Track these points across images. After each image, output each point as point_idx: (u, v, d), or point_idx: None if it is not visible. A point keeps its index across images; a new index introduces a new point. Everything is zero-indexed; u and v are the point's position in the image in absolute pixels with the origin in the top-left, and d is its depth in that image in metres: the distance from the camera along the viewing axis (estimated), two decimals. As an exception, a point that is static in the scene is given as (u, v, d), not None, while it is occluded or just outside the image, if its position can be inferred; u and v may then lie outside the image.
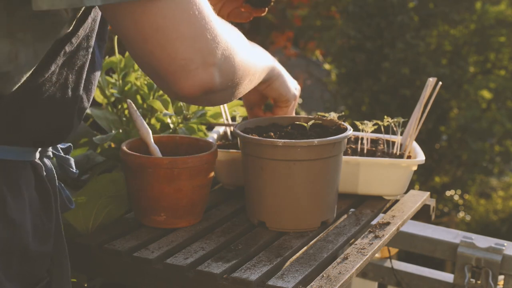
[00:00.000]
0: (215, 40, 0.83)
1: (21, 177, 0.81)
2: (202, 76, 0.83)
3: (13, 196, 0.78)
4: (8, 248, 0.78)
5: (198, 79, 0.83)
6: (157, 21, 0.78)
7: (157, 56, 0.80)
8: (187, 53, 0.81)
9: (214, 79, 0.84)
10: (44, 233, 0.85)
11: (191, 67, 0.82)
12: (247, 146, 1.12)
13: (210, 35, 0.82)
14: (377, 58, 9.91)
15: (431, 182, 10.00)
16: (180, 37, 0.80)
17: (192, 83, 0.83)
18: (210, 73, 0.83)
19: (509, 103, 10.14)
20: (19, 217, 0.79)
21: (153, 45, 0.80)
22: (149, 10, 0.77)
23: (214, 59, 0.83)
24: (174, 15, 0.79)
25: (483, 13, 10.06)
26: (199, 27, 0.81)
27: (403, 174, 1.28)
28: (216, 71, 0.84)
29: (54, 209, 0.87)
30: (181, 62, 0.81)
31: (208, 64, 0.83)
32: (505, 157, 10.30)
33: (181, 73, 0.82)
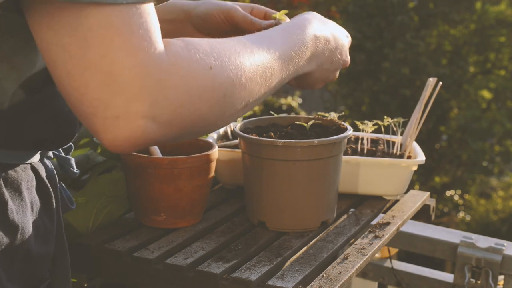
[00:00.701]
0: (153, 83, 0.62)
1: (22, 179, 0.80)
2: (126, 128, 0.63)
3: (14, 198, 0.78)
4: (10, 250, 0.77)
5: (120, 131, 0.63)
6: (63, 39, 0.61)
7: (65, 87, 0.63)
8: (100, 92, 0.61)
9: (148, 133, 0.64)
10: (46, 234, 0.85)
11: (106, 114, 0.62)
12: (247, 146, 1.12)
13: (145, 73, 0.62)
14: (377, 58, 9.91)
15: (431, 182, 10.00)
16: (90, 67, 0.61)
17: (112, 135, 0.63)
18: (139, 126, 0.63)
19: (509, 103, 10.14)
20: (21, 219, 0.78)
21: (60, 70, 0.63)
22: (56, 21, 0.61)
23: (143, 108, 0.62)
24: (84, 35, 0.60)
25: (483, 13, 10.05)
26: (125, 59, 0.61)
27: (403, 174, 1.28)
28: (149, 124, 0.63)
29: (56, 210, 0.87)
30: (92, 103, 0.62)
31: (135, 114, 0.62)
32: (505, 157, 10.29)
33: (95, 119, 0.63)
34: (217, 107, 0.69)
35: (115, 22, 0.61)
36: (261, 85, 0.76)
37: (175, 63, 0.64)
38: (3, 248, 0.76)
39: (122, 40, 0.61)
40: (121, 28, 0.61)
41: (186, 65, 0.65)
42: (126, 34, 0.61)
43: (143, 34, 0.62)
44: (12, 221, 0.77)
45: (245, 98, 0.74)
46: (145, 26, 0.63)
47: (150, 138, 0.64)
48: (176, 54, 0.65)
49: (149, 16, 0.64)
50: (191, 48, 0.67)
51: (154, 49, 0.63)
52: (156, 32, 0.64)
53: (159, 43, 0.64)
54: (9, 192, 0.77)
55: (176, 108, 0.64)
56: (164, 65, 0.63)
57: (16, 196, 0.78)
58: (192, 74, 0.65)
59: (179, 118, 0.66)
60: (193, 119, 0.67)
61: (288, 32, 0.85)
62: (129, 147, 0.65)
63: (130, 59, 0.61)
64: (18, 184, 0.79)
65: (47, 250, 0.85)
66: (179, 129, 0.67)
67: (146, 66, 0.62)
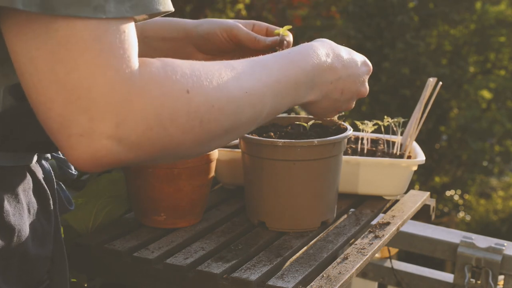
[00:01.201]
0: (121, 103, 0.60)
1: (18, 181, 0.80)
2: (89, 147, 0.61)
3: (11, 200, 0.77)
4: (6, 253, 0.77)
5: (84, 150, 0.61)
6: (31, 52, 0.60)
7: (32, 100, 0.62)
8: (65, 109, 0.60)
9: (113, 154, 0.62)
10: (44, 236, 0.84)
11: (70, 131, 0.60)
12: (247, 146, 1.12)
13: (113, 92, 0.59)
14: (377, 58, 9.91)
15: (431, 182, 10.00)
16: (56, 82, 0.59)
17: (76, 153, 0.62)
18: (104, 146, 0.61)
19: (509, 103, 10.14)
20: (17, 221, 0.78)
21: (27, 83, 0.61)
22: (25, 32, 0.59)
23: (109, 129, 0.60)
24: (52, 49, 0.59)
25: (483, 13, 10.05)
26: (92, 77, 0.59)
27: (403, 174, 1.28)
28: (116, 145, 0.61)
29: (53, 212, 0.87)
30: (57, 119, 0.60)
31: (99, 134, 0.60)
32: (505, 157, 10.29)
33: (60, 136, 0.62)
34: (191, 134, 0.66)
35: (86, 37, 0.59)
36: (248, 112, 0.72)
37: (147, 84, 0.62)
38: (1, 251, 0.76)
39: (91, 56, 0.59)
40: (91, 44, 0.59)
41: (159, 86, 0.62)
42: (96, 50, 0.59)
43: (115, 52, 0.60)
44: (8, 223, 0.76)
45: (228, 125, 0.70)
46: (118, 43, 0.61)
47: (116, 159, 0.62)
48: (150, 74, 0.63)
49: (124, 34, 0.62)
50: (169, 69, 0.65)
51: (126, 67, 0.61)
52: (131, 50, 0.62)
53: (132, 62, 0.61)
54: (5, 195, 0.77)
55: (145, 131, 0.62)
56: (134, 85, 0.61)
57: (12, 198, 0.78)
58: (164, 97, 0.63)
59: (148, 142, 0.63)
60: (164, 144, 0.64)
61: (288, 59, 0.82)
62: (94, 166, 0.63)
63: (98, 77, 0.59)
64: (14, 186, 0.79)
65: (45, 252, 0.85)
66: (148, 152, 0.64)
67: (114, 85, 0.60)
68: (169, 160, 0.70)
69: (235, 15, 10.52)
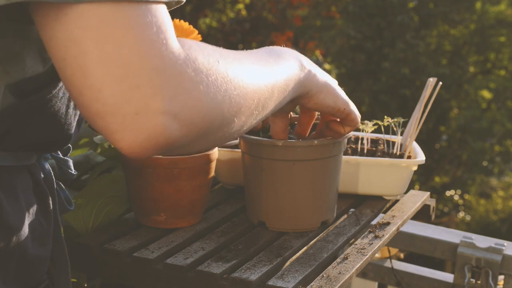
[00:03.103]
0: (172, 77, 0.60)
1: (18, 181, 0.80)
2: (146, 125, 0.60)
3: (10, 201, 0.77)
4: (5, 253, 0.77)
5: (141, 130, 0.60)
6: (73, 32, 0.58)
7: (77, 86, 0.60)
8: (117, 87, 0.59)
9: (169, 132, 0.61)
10: (43, 236, 0.84)
11: (125, 110, 0.59)
12: (247, 146, 1.12)
13: (163, 66, 0.60)
14: (377, 58, 9.92)
15: (431, 182, 10.01)
16: (105, 60, 0.58)
17: (132, 135, 0.60)
18: (160, 123, 0.60)
19: (509, 103, 10.15)
20: (17, 221, 0.78)
21: (71, 67, 0.59)
22: (65, 13, 0.58)
23: (163, 103, 0.60)
24: (98, 26, 0.58)
25: (483, 13, 10.06)
26: (142, 52, 0.59)
27: (403, 174, 1.28)
28: (170, 121, 0.61)
29: (53, 212, 0.87)
30: (108, 100, 0.59)
31: (155, 110, 0.59)
32: (505, 157, 10.30)
33: (111, 119, 0.60)
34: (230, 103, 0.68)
35: (130, 15, 0.59)
36: (265, 92, 0.75)
37: (190, 57, 0.63)
38: None
39: (138, 32, 0.59)
40: (136, 21, 0.59)
41: (200, 58, 0.64)
42: (142, 27, 0.59)
43: (159, 27, 0.60)
44: (8, 223, 0.76)
45: (255, 96, 0.72)
46: (160, 20, 0.61)
47: (172, 138, 0.62)
48: (190, 48, 0.64)
49: (164, 12, 0.62)
50: (200, 44, 0.67)
51: (171, 42, 0.61)
52: (171, 27, 0.63)
53: (174, 38, 0.62)
54: (4, 194, 0.77)
55: (196, 103, 0.62)
56: (181, 59, 0.61)
57: (11, 198, 0.78)
58: (205, 67, 0.64)
59: (199, 115, 0.63)
60: (212, 116, 0.65)
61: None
62: (150, 148, 0.61)
63: (147, 51, 0.59)
64: (13, 186, 0.79)
65: (45, 252, 0.85)
66: (199, 127, 0.64)
67: (164, 59, 0.60)
68: (214, 141, 0.70)
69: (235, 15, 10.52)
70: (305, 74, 0.90)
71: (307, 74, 0.91)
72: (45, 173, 0.87)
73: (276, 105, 0.82)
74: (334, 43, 10.79)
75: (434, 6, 10.20)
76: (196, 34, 1.51)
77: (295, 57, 0.90)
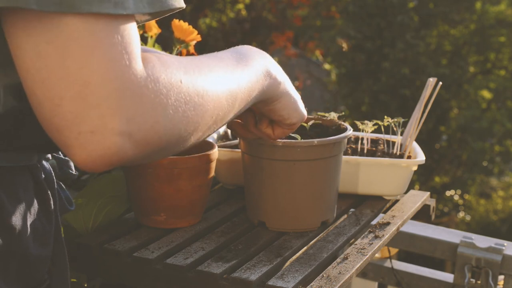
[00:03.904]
0: (131, 98, 0.60)
1: (19, 181, 0.80)
2: (101, 144, 0.60)
3: (12, 201, 0.77)
4: (7, 253, 0.77)
5: (95, 148, 0.60)
6: (39, 46, 0.58)
7: (38, 97, 0.60)
8: (76, 105, 0.59)
9: (123, 151, 0.62)
10: (44, 236, 0.84)
11: (80, 128, 0.60)
12: (247, 146, 1.12)
13: (124, 87, 0.60)
14: (377, 58, 9.92)
15: (431, 182, 10.01)
16: (67, 77, 0.58)
17: (86, 152, 0.61)
18: (115, 143, 0.61)
19: (509, 103, 10.15)
20: (18, 222, 0.78)
21: (33, 79, 0.59)
22: (34, 25, 0.58)
23: (120, 124, 0.60)
24: (64, 43, 0.58)
25: (483, 13, 10.06)
26: (104, 72, 0.59)
27: (403, 174, 1.28)
28: (125, 141, 0.61)
29: (53, 212, 0.87)
30: (66, 115, 0.59)
31: (111, 130, 0.60)
32: (505, 157, 10.30)
33: (68, 133, 0.60)
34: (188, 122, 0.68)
35: (97, 33, 0.59)
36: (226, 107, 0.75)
37: (152, 78, 0.63)
38: (1, 251, 0.76)
39: (103, 52, 0.59)
40: (102, 40, 0.59)
41: (162, 79, 0.64)
42: (108, 46, 0.59)
43: (124, 48, 0.60)
44: (9, 223, 0.76)
45: (214, 113, 0.73)
46: (127, 40, 0.61)
47: (125, 157, 0.62)
48: (153, 68, 0.64)
49: (132, 30, 0.62)
50: (164, 61, 0.66)
51: (135, 63, 0.61)
52: (138, 46, 0.63)
53: (139, 58, 0.62)
54: (6, 195, 0.77)
55: (153, 125, 0.63)
56: (143, 80, 0.61)
57: (13, 198, 0.78)
58: (166, 88, 0.64)
59: (156, 135, 0.64)
60: (169, 137, 0.66)
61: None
62: (103, 165, 0.62)
63: (110, 72, 0.59)
64: (15, 186, 0.79)
65: (45, 252, 0.85)
66: (154, 147, 0.65)
67: (126, 80, 0.60)
68: (164, 155, 0.70)
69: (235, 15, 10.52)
70: (270, 82, 0.89)
71: (272, 82, 0.89)
72: (45, 173, 0.87)
73: (236, 115, 0.82)
74: (334, 43, 10.79)
75: (434, 6, 10.20)
76: (196, 34, 1.51)
77: (263, 63, 0.88)
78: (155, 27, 1.57)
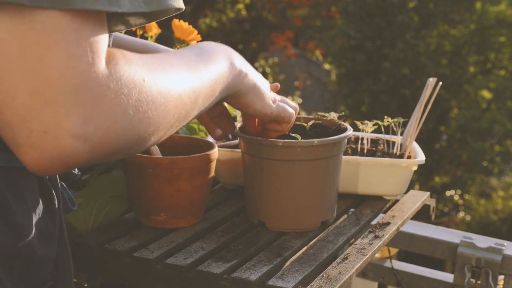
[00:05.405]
0: (90, 97, 0.57)
1: (24, 182, 0.80)
2: (53, 145, 0.57)
3: (17, 201, 0.78)
4: (12, 253, 0.77)
5: (47, 149, 0.57)
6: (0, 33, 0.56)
7: None
8: (30, 99, 0.55)
9: (77, 153, 0.58)
10: (48, 236, 0.85)
11: (33, 125, 0.56)
12: (247, 146, 1.12)
13: (83, 85, 0.57)
14: (377, 58, 9.92)
15: (431, 182, 10.01)
16: (24, 67, 0.55)
17: (36, 153, 0.57)
18: (69, 145, 0.57)
19: (509, 103, 10.15)
20: (24, 221, 0.78)
21: None
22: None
23: (75, 125, 0.57)
24: (25, 33, 0.55)
25: (483, 13, 10.06)
26: (64, 67, 0.56)
27: (403, 174, 1.28)
28: (80, 144, 0.58)
29: (57, 212, 0.87)
30: (18, 110, 0.56)
31: (65, 131, 0.57)
32: (505, 157, 10.30)
33: (19, 130, 0.57)
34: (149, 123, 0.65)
35: (62, 27, 0.56)
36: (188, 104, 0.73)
37: (114, 77, 0.60)
38: (6, 251, 0.76)
39: (66, 46, 0.56)
40: (67, 34, 0.56)
41: (123, 77, 0.61)
42: (72, 41, 0.56)
43: (90, 45, 0.58)
44: (15, 223, 0.77)
45: (176, 111, 0.70)
46: (93, 37, 0.59)
47: (79, 159, 0.59)
48: (116, 66, 0.61)
49: (98, 27, 0.60)
50: (127, 59, 0.64)
51: (99, 62, 0.59)
52: (104, 45, 0.60)
53: (104, 56, 0.60)
54: (12, 195, 0.77)
55: (111, 126, 0.60)
56: (104, 79, 0.59)
57: (18, 198, 0.78)
58: (127, 88, 0.61)
59: (113, 137, 0.61)
60: (127, 138, 0.63)
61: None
62: (55, 168, 0.59)
63: (71, 68, 0.56)
64: (20, 186, 0.79)
65: (49, 252, 0.85)
66: (111, 148, 0.62)
67: (86, 78, 0.57)
68: (126, 156, 0.68)
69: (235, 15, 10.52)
70: (235, 74, 0.87)
71: (237, 75, 0.88)
72: None
73: (201, 111, 0.80)
74: (334, 43, 10.79)
75: (434, 6, 10.20)
76: (196, 34, 1.51)
77: (227, 56, 0.86)
78: (155, 27, 1.58)
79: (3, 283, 0.76)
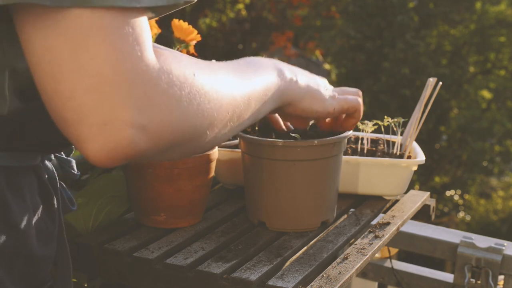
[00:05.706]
0: (144, 89, 0.60)
1: (24, 182, 0.80)
2: (113, 136, 0.59)
3: (16, 201, 0.78)
4: (12, 253, 0.77)
5: (107, 140, 0.60)
6: (49, 39, 0.58)
7: (48, 92, 0.60)
8: (87, 97, 0.58)
9: (136, 143, 0.61)
10: (48, 236, 0.85)
11: (93, 120, 0.59)
12: (247, 146, 1.12)
13: (135, 78, 0.59)
14: (377, 58, 9.92)
15: (431, 182, 10.01)
16: (77, 69, 0.58)
17: (98, 145, 0.60)
18: (128, 135, 0.60)
19: (509, 103, 10.15)
20: (23, 221, 0.78)
21: (43, 72, 0.59)
22: (43, 19, 0.58)
23: (132, 115, 0.59)
24: (73, 35, 0.58)
25: (483, 13, 10.06)
26: (116, 63, 0.58)
27: (403, 174, 1.28)
28: (138, 133, 0.60)
29: (57, 212, 0.87)
30: (77, 108, 0.59)
31: (122, 121, 0.59)
32: (505, 157, 10.31)
33: (80, 126, 0.60)
34: (203, 117, 0.67)
35: (107, 25, 0.58)
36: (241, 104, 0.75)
37: (165, 69, 0.62)
38: (6, 251, 0.76)
39: (113, 43, 0.58)
40: (113, 31, 0.58)
41: (174, 70, 0.63)
42: (118, 37, 0.59)
43: (135, 39, 0.60)
44: (15, 223, 0.77)
45: (230, 108, 0.72)
46: (138, 32, 0.61)
47: (137, 150, 0.61)
48: (165, 60, 0.63)
49: (143, 23, 0.62)
50: (177, 56, 0.66)
51: (146, 54, 0.61)
52: (149, 39, 0.63)
53: (151, 50, 0.62)
54: (12, 195, 0.77)
55: (166, 116, 0.62)
56: (155, 71, 0.61)
57: (18, 198, 0.78)
58: (179, 80, 0.63)
59: (169, 128, 0.63)
60: (183, 129, 0.65)
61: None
62: (116, 159, 0.61)
63: (121, 63, 0.59)
64: (20, 186, 0.79)
65: (49, 251, 0.85)
66: (168, 140, 0.64)
67: (137, 71, 0.60)
68: (185, 152, 0.70)
69: (235, 15, 10.53)
70: (286, 82, 0.89)
71: (288, 83, 0.90)
72: (48, 173, 0.88)
73: (255, 115, 0.82)
74: (334, 43, 10.79)
75: (434, 6, 10.20)
76: (196, 34, 1.51)
77: (275, 67, 0.88)
78: (155, 27, 1.57)
79: (4, 283, 0.76)
